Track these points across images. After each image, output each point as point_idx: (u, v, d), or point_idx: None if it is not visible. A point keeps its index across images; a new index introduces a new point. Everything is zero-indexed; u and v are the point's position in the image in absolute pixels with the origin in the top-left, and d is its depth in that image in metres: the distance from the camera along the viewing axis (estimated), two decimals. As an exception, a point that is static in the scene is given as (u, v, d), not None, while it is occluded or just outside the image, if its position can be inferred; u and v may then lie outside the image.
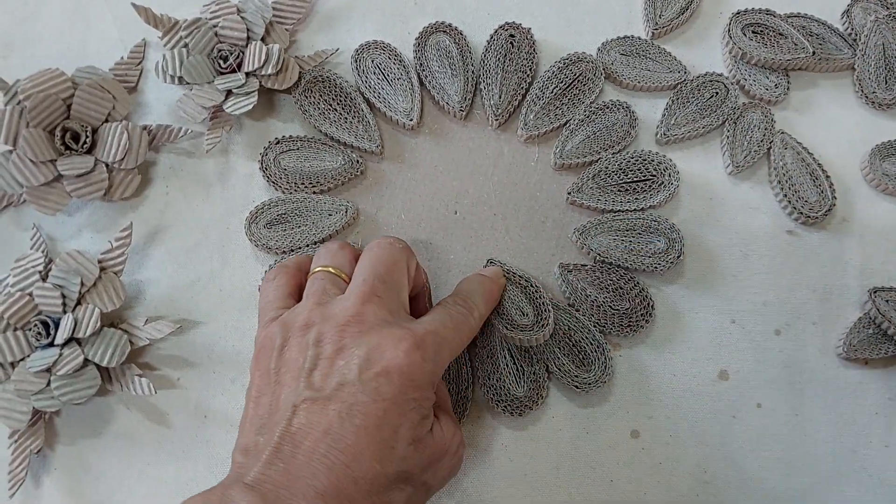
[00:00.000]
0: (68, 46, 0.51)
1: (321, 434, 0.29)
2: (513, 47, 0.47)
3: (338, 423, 0.30)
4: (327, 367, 0.31)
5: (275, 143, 0.46)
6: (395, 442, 0.30)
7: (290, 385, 0.32)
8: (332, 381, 0.31)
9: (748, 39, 0.47)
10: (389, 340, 0.31)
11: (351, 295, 0.34)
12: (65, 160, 0.44)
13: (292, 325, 0.33)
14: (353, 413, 0.30)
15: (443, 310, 0.36)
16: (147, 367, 0.43)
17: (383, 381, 0.30)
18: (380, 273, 0.34)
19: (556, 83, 0.46)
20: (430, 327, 0.33)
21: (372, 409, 0.30)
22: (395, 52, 0.47)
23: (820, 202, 0.43)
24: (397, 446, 0.30)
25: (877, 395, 0.41)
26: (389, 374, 0.31)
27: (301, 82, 0.47)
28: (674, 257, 0.42)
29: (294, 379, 0.32)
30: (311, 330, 0.33)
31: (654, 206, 0.43)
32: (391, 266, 0.35)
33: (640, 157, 0.44)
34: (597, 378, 0.40)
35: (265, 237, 0.44)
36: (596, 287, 0.42)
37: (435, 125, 0.47)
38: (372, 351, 0.31)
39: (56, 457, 0.42)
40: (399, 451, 0.30)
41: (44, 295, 0.42)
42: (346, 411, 0.30)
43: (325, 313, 0.33)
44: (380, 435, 0.30)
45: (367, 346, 0.31)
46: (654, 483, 0.40)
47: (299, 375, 0.31)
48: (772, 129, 0.45)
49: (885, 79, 0.46)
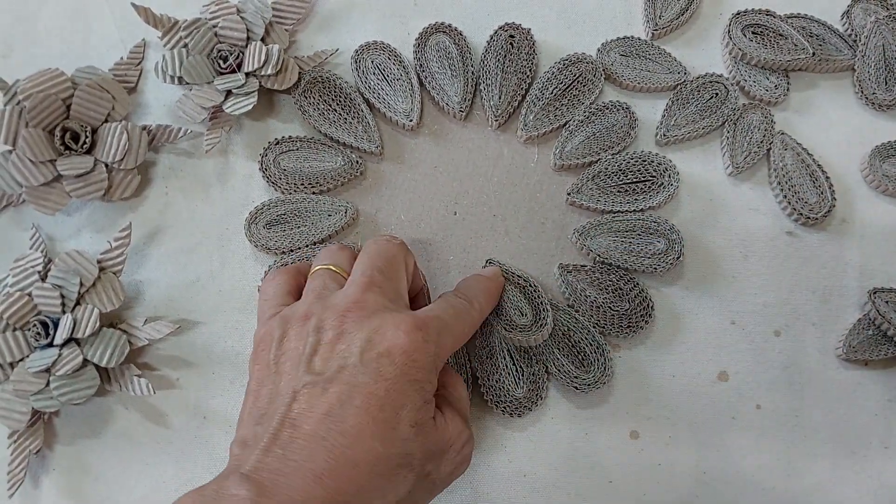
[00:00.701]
0: (68, 46, 0.51)
1: (321, 417, 0.29)
2: (513, 48, 0.47)
3: (338, 404, 0.29)
4: (328, 352, 0.31)
5: (274, 143, 0.46)
6: (397, 423, 0.30)
7: (290, 373, 0.31)
8: (332, 365, 0.31)
9: (748, 40, 0.47)
10: (391, 322, 0.31)
11: (351, 285, 0.34)
12: (64, 160, 0.44)
13: (292, 318, 0.33)
14: (353, 394, 0.30)
15: (443, 300, 0.36)
16: (146, 368, 0.43)
17: (385, 362, 0.30)
18: (378, 265, 0.35)
19: (555, 84, 0.46)
20: (432, 312, 0.33)
21: (373, 389, 0.30)
22: (395, 53, 0.47)
23: (820, 203, 0.43)
24: (399, 427, 0.30)
25: (876, 396, 0.41)
26: (391, 354, 0.30)
27: (301, 83, 0.47)
28: (673, 258, 0.42)
29: (294, 366, 0.31)
30: (311, 319, 0.32)
31: (653, 206, 0.43)
32: (389, 259, 0.35)
33: (639, 157, 0.44)
34: (596, 379, 0.40)
35: (265, 237, 0.44)
36: (595, 288, 0.42)
37: (435, 126, 0.47)
38: (373, 333, 0.31)
39: (55, 457, 0.42)
40: (400, 433, 0.30)
41: (43, 295, 0.42)
42: (347, 393, 0.30)
43: (326, 304, 0.33)
44: (381, 415, 0.29)
45: (368, 329, 0.31)
46: (654, 484, 0.40)
47: (299, 362, 0.31)
48: (772, 130, 0.45)
49: (886, 80, 0.46)
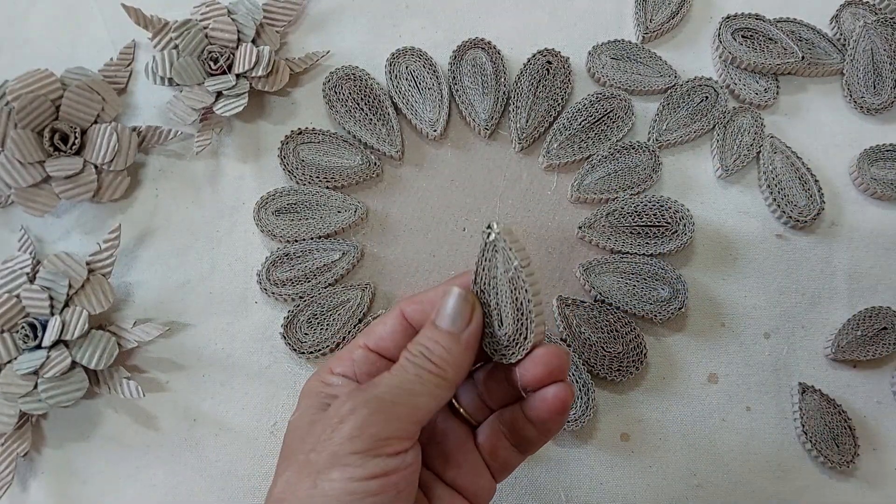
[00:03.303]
0: (58, 47, 0.51)
1: None
2: (548, 74, 0.47)
3: None
4: None
5: (297, 133, 0.46)
6: None
7: None
8: None
9: (738, 44, 0.47)
10: None
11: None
12: (53, 161, 0.44)
13: None
14: None
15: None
16: (135, 370, 0.43)
17: None
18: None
19: (585, 116, 0.46)
20: None
21: None
22: (431, 62, 0.47)
23: (809, 206, 0.44)
24: None
25: (865, 398, 0.41)
26: None
27: (333, 77, 0.47)
28: (675, 308, 0.41)
29: None
30: None
31: (664, 253, 0.43)
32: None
33: (657, 202, 0.43)
34: (577, 417, 0.40)
35: (272, 224, 0.44)
36: (591, 326, 0.41)
37: (458, 139, 0.47)
38: None
39: (43, 460, 0.42)
40: None
41: (31, 297, 0.41)
42: None
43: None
44: None
45: None
46: (644, 486, 0.40)
47: None
48: (761, 133, 0.46)
49: (874, 84, 0.46)
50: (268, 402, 0.42)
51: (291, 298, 0.43)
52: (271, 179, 0.46)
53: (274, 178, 0.46)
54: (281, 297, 0.43)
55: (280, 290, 0.43)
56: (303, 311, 0.42)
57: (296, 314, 0.42)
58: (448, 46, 0.48)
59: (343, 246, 0.44)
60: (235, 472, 0.41)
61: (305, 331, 0.42)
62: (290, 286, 0.43)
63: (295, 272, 0.43)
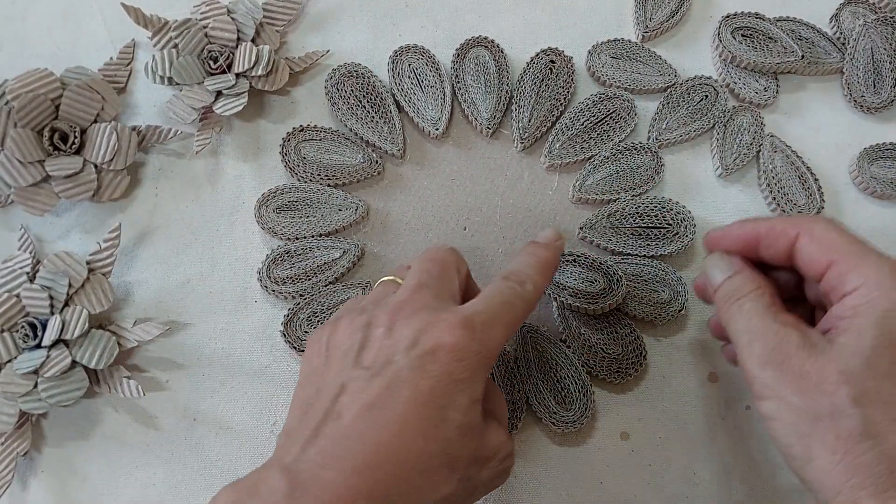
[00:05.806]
0: (57, 46, 0.51)
1: (364, 410, 0.29)
2: (551, 73, 0.46)
3: (382, 398, 0.29)
4: (376, 347, 0.31)
5: (299, 130, 0.46)
6: (442, 421, 0.30)
7: (338, 366, 0.32)
8: (379, 360, 0.31)
9: (738, 43, 0.47)
10: (438, 321, 0.31)
11: (403, 288, 0.34)
12: (53, 161, 0.44)
13: (345, 316, 0.34)
14: (397, 389, 0.30)
15: (492, 288, 0.35)
16: (135, 369, 0.43)
17: (429, 360, 0.30)
18: (428, 268, 0.35)
19: (587, 116, 0.45)
20: (478, 307, 0.33)
21: (419, 384, 0.30)
22: (434, 60, 0.47)
23: (808, 205, 0.44)
24: (443, 426, 0.30)
25: (865, 397, 0.41)
26: (436, 352, 0.30)
27: (335, 74, 0.47)
28: (675, 311, 0.41)
29: (342, 360, 0.32)
30: (363, 315, 0.33)
31: (665, 255, 0.43)
32: (439, 262, 0.35)
33: (658, 203, 0.43)
34: (576, 419, 0.40)
35: (272, 221, 0.44)
36: (591, 328, 0.41)
37: (460, 137, 0.47)
38: (420, 332, 0.31)
39: (43, 459, 0.42)
40: (445, 432, 0.30)
41: (31, 296, 0.41)
42: (391, 387, 0.30)
43: (379, 304, 0.34)
44: (425, 412, 0.29)
45: (416, 327, 0.31)
46: (644, 484, 0.40)
47: (347, 356, 0.32)
48: (761, 133, 0.46)
49: (874, 82, 0.46)
50: (268, 402, 0.42)
51: (292, 296, 0.43)
52: (271, 178, 0.46)
53: (274, 178, 0.46)
54: (281, 294, 0.43)
55: (280, 288, 0.43)
56: (303, 310, 0.42)
57: (296, 312, 0.42)
58: (448, 46, 0.48)
59: (344, 244, 0.44)
60: (235, 471, 0.41)
61: (305, 329, 0.42)
62: (290, 284, 0.43)
63: (295, 270, 0.43)
